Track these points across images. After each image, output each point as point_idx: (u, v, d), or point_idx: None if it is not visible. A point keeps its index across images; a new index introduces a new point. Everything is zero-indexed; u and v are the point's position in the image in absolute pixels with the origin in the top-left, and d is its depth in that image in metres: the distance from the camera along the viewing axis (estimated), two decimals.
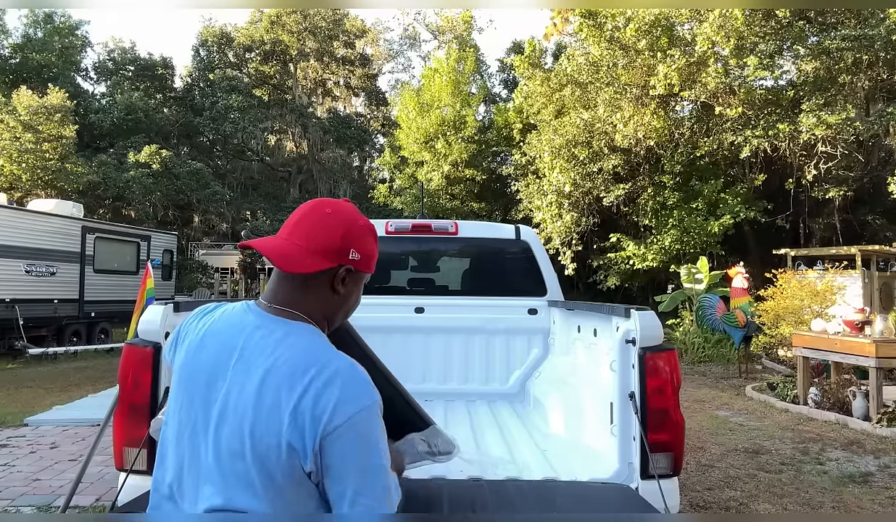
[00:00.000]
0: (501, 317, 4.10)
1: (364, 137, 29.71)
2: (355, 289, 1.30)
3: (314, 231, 1.22)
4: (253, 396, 1.12)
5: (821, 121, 10.80)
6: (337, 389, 1.09)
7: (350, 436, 1.08)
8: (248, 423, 1.11)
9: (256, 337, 1.17)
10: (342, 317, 1.33)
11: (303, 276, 1.21)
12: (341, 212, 1.26)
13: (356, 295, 1.32)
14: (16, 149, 18.15)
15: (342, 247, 1.22)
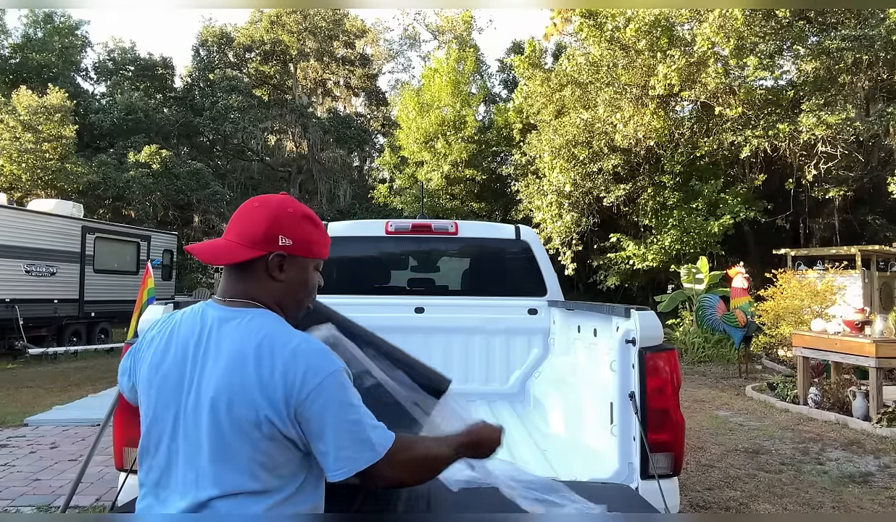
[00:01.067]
0: (501, 317, 4.10)
1: (364, 137, 29.69)
2: (300, 274, 1.35)
3: (242, 225, 1.32)
4: (224, 380, 1.20)
5: (821, 121, 10.80)
6: (303, 361, 1.20)
7: (321, 400, 1.18)
8: (223, 406, 1.19)
9: (218, 327, 1.26)
10: (295, 302, 1.38)
11: (240, 268, 1.31)
12: (268, 204, 1.34)
13: (303, 279, 1.37)
14: (16, 149, 18.15)
15: (268, 235, 1.29)
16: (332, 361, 1.24)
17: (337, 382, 1.21)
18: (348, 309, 4.24)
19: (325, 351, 1.26)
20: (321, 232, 1.40)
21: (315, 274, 1.41)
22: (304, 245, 1.34)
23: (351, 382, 1.26)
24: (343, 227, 4.40)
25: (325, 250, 1.42)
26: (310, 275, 1.39)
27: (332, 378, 1.21)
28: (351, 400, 1.23)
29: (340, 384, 1.22)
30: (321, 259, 1.41)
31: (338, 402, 1.20)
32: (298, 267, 1.35)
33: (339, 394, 1.21)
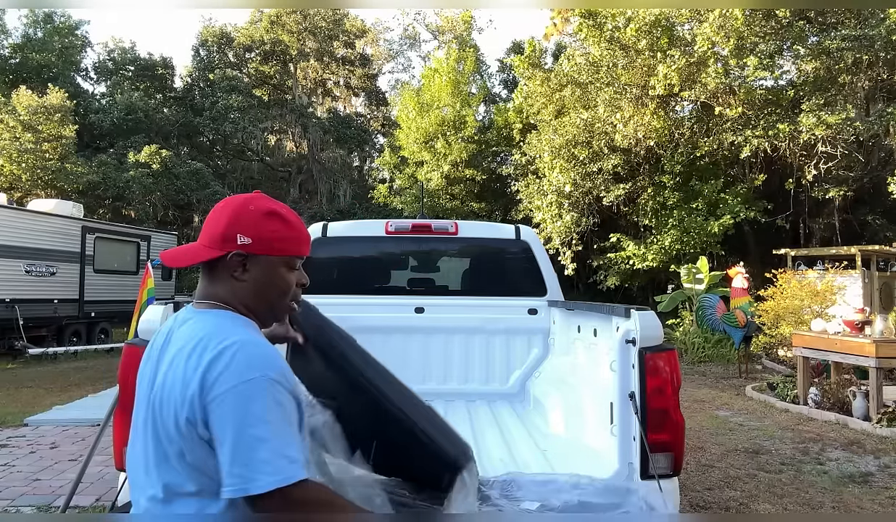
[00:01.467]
0: (501, 317, 4.10)
1: (364, 137, 29.69)
2: (264, 274, 1.28)
3: (206, 225, 1.31)
4: (161, 379, 1.20)
5: (821, 121, 10.80)
6: (225, 361, 1.13)
7: (228, 405, 1.09)
8: (157, 405, 1.19)
9: (177, 329, 1.27)
10: (266, 304, 1.31)
11: (208, 270, 1.29)
12: (230, 203, 1.31)
13: (269, 279, 1.29)
14: (16, 149, 18.16)
15: (226, 234, 1.26)
16: (259, 368, 1.13)
17: (254, 390, 1.10)
18: (348, 309, 4.26)
19: (258, 356, 1.16)
20: (290, 227, 1.31)
21: (291, 274, 1.32)
22: (266, 242, 1.27)
23: (284, 398, 1.14)
24: (343, 227, 4.41)
25: (295, 247, 1.32)
26: (278, 275, 1.30)
27: (250, 384, 1.10)
28: (266, 415, 1.10)
29: (259, 393, 1.10)
30: (294, 256, 1.32)
31: (246, 412, 1.09)
32: (262, 267, 1.28)
33: (252, 405, 1.09)
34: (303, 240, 1.33)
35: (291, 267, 1.32)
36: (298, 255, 1.33)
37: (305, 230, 1.35)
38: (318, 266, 4.21)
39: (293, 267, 1.33)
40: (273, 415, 1.10)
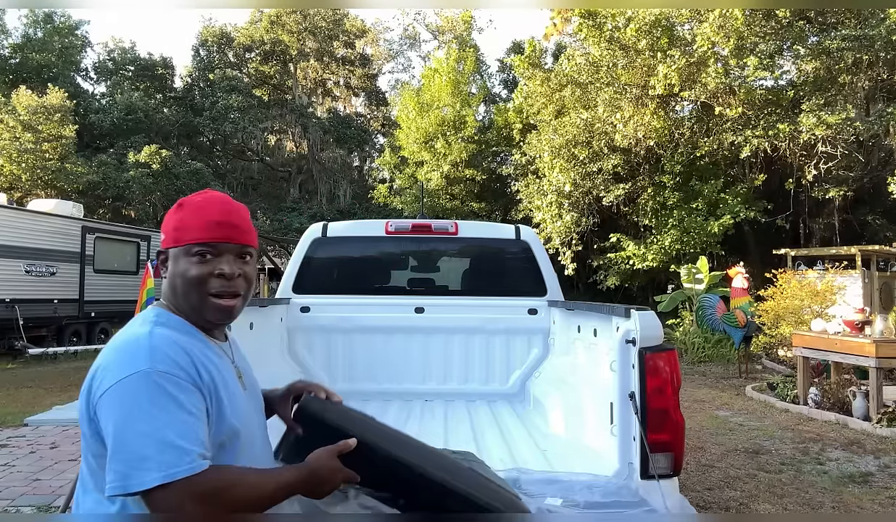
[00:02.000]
0: (501, 317, 4.10)
1: (364, 137, 29.69)
2: (173, 266, 1.27)
3: None
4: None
5: (821, 121, 10.80)
6: (108, 358, 1.14)
7: (110, 402, 1.08)
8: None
9: None
10: (183, 297, 1.26)
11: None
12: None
13: (176, 271, 1.26)
14: (16, 149, 18.16)
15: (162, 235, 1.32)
16: (142, 361, 1.10)
17: (136, 385, 1.08)
18: (348, 309, 4.25)
19: (143, 349, 1.13)
20: (188, 215, 1.27)
21: (195, 264, 1.24)
22: (169, 235, 1.28)
23: (176, 389, 1.10)
24: (343, 227, 4.41)
25: (190, 234, 1.25)
26: (180, 267, 1.25)
27: (132, 380, 1.08)
28: (150, 409, 1.06)
29: (141, 388, 1.07)
30: (191, 244, 1.24)
31: (128, 408, 1.06)
32: (172, 260, 1.27)
33: (134, 399, 1.06)
34: (200, 227, 1.25)
35: (193, 255, 1.24)
36: (195, 242, 1.24)
37: (211, 215, 1.26)
38: (318, 266, 4.21)
39: (196, 256, 1.24)
40: (159, 408, 1.06)
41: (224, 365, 1.28)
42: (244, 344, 1.55)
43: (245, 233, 1.31)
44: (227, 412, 1.20)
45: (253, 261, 1.34)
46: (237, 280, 1.28)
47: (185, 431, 1.07)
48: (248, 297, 1.34)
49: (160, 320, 1.23)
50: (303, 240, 4.21)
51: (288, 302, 4.03)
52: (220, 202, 1.31)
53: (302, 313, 4.04)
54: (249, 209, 5.64)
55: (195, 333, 1.26)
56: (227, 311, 1.28)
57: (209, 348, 1.26)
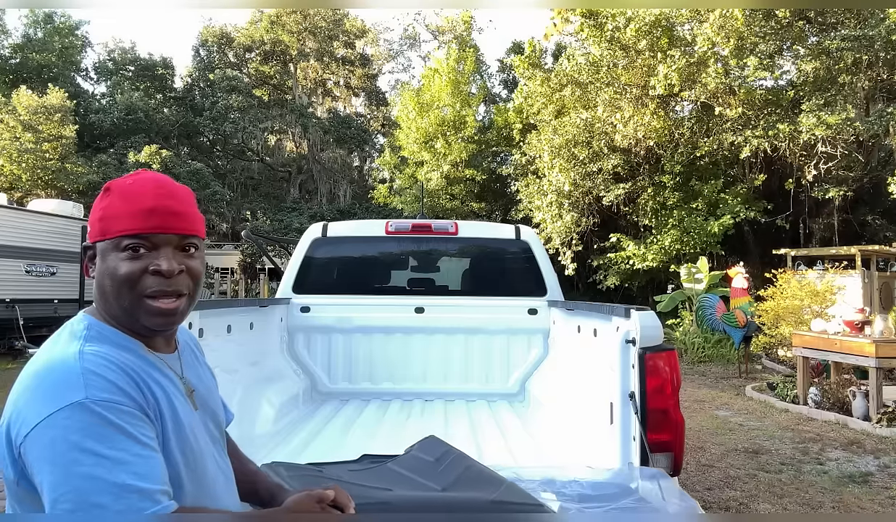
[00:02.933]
0: (501, 317, 4.10)
1: (364, 137, 29.71)
2: (101, 263, 1.06)
3: None
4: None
5: (821, 121, 10.80)
6: (30, 389, 0.95)
7: (40, 445, 0.89)
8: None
9: None
10: (107, 300, 1.06)
11: None
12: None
13: (103, 268, 1.05)
14: (16, 149, 18.17)
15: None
16: (72, 392, 0.91)
17: (73, 419, 0.89)
18: (348, 309, 4.25)
19: (66, 372, 0.94)
20: (115, 199, 1.06)
21: (124, 259, 1.03)
22: (95, 227, 1.06)
23: (119, 416, 0.91)
24: (343, 227, 4.41)
25: (120, 224, 1.03)
26: (108, 263, 1.04)
27: (62, 415, 0.89)
28: (91, 445, 0.88)
29: (76, 424, 0.89)
30: (120, 236, 1.03)
31: (66, 446, 0.88)
32: (100, 256, 1.06)
33: (71, 437, 0.88)
34: (130, 215, 1.03)
35: (123, 250, 1.03)
36: (124, 234, 1.03)
37: (143, 201, 1.04)
38: (318, 266, 4.21)
39: (127, 250, 1.03)
40: (106, 445, 0.89)
41: (169, 383, 1.07)
42: (245, 344, 1.53)
43: (187, 221, 1.08)
44: (170, 440, 1.01)
45: (200, 253, 1.12)
46: (178, 277, 1.06)
47: (142, 468, 0.90)
48: (194, 296, 1.11)
49: (91, 333, 1.03)
50: (303, 240, 4.21)
51: (288, 302, 4.03)
52: (155, 183, 1.07)
53: (302, 313, 4.04)
54: (249, 209, 5.64)
55: (133, 346, 1.06)
56: (166, 314, 1.05)
57: (149, 363, 1.06)
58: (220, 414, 1.24)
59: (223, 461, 1.19)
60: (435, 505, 1.67)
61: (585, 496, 2.13)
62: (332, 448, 2.75)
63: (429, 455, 1.98)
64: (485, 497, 1.70)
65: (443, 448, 2.03)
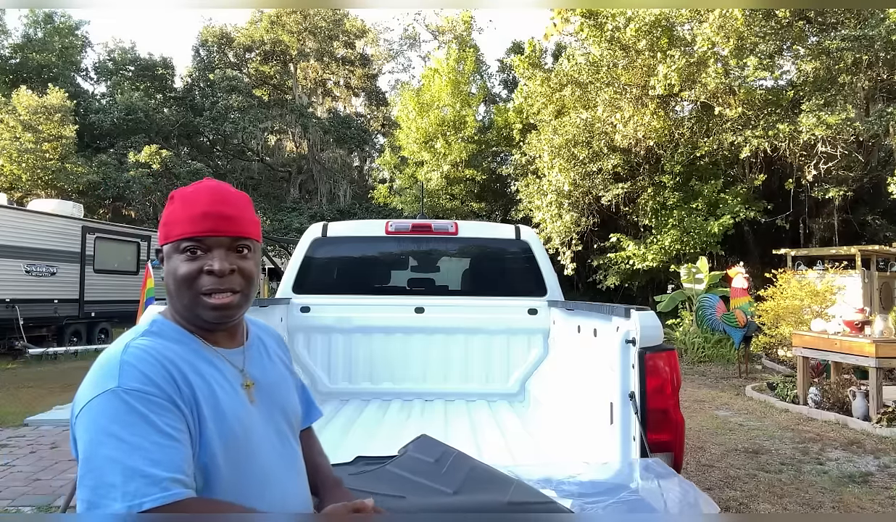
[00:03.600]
0: (501, 317, 4.10)
1: (364, 137, 29.70)
2: (167, 265, 1.18)
3: None
4: None
5: (821, 121, 10.80)
6: (85, 379, 1.06)
7: (81, 425, 1.00)
8: None
9: None
10: (177, 297, 1.17)
11: None
12: None
13: (168, 269, 1.17)
14: (16, 149, 18.17)
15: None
16: (106, 380, 1.02)
17: (103, 406, 0.99)
18: (348, 309, 4.25)
19: (113, 366, 1.04)
20: (176, 206, 1.17)
21: (183, 261, 1.14)
22: (163, 229, 1.18)
23: (147, 407, 1.00)
24: (343, 227, 4.41)
25: (178, 229, 1.15)
26: (171, 264, 1.16)
27: (99, 400, 1.00)
28: (119, 431, 0.97)
29: (107, 409, 0.99)
30: (179, 240, 1.14)
31: (95, 431, 0.97)
32: (166, 257, 1.18)
33: (101, 422, 0.98)
34: (187, 220, 1.14)
35: (182, 251, 1.14)
36: (185, 237, 1.14)
37: (198, 206, 1.15)
38: (318, 266, 4.21)
39: (185, 252, 1.14)
40: (128, 430, 0.97)
41: (219, 375, 1.15)
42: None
43: (239, 224, 1.17)
44: (208, 428, 1.07)
45: (253, 254, 1.21)
46: (231, 276, 1.15)
47: (157, 456, 0.96)
48: (249, 294, 1.20)
49: (152, 329, 1.15)
50: (303, 240, 4.21)
51: (288, 302, 4.03)
52: (210, 191, 1.18)
53: (302, 313, 4.04)
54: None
55: (190, 341, 1.16)
56: (220, 309, 1.14)
57: (200, 357, 1.15)
58: (289, 408, 1.29)
59: (289, 452, 1.25)
60: (454, 512, 1.68)
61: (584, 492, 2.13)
62: (332, 448, 2.74)
63: (427, 456, 1.97)
64: (500, 500, 1.70)
65: (439, 447, 2.03)
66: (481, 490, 1.77)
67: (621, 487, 2.22)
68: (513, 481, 1.84)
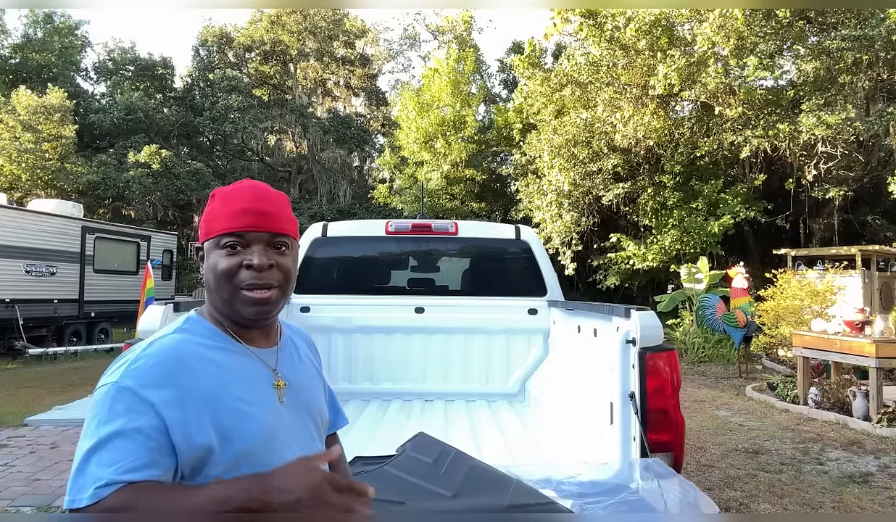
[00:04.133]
0: (501, 317, 4.10)
1: (364, 137, 29.68)
2: (207, 260, 1.19)
3: None
4: None
5: (821, 121, 10.80)
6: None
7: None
8: None
9: None
10: (216, 292, 1.18)
11: None
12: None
13: (209, 265, 1.18)
14: (15, 148, 18.17)
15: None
16: (113, 374, 1.05)
17: (100, 399, 1.02)
18: (348, 309, 4.24)
19: (121, 361, 1.08)
20: (217, 203, 1.19)
21: (224, 256, 1.16)
22: (203, 228, 1.20)
23: (128, 405, 1.00)
24: (343, 227, 4.41)
25: (220, 224, 1.17)
26: (211, 259, 1.17)
27: (98, 393, 1.04)
28: (90, 424, 1.00)
29: (102, 402, 1.02)
30: (221, 235, 1.16)
31: (87, 423, 1.02)
32: (206, 254, 1.19)
33: (94, 414, 1.02)
34: (227, 216, 1.16)
35: (222, 247, 1.16)
36: (225, 232, 1.15)
37: (238, 203, 1.17)
38: (318, 266, 4.21)
39: (225, 248, 1.16)
40: (101, 427, 0.99)
41: (249, 374, 1.16)
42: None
43: (278, 221, 1.19)
44: (231, 431, 1.07)
45: (291, 252, 1.22)
46: (269, 271, 1.16)
47: (109, 457, 0.97)
48: (286, 290, 1.21)
49: (184, 326, 1.17)
50: (303, 240, 4.21)
51: (288, 302, 4.03)
52: (250, 188, 1.21)
53: (302, 313, 4.04)
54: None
55: (220, 339, 1.17)
56: (259, 304, 1.15)
57: (231, 355, 1.15)
58: (318, 411, 1.30)
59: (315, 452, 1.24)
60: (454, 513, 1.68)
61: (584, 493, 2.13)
62: None
63: (425, 456, 1.97)
64: (499, 503, 1.70)
65: (437, 446, 2.02)
66: (480, 491, 1.77)
67: (621, 487, 2.22)
68: (512, 481, 1.84)
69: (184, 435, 1.02)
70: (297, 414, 1.21)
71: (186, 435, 1.03)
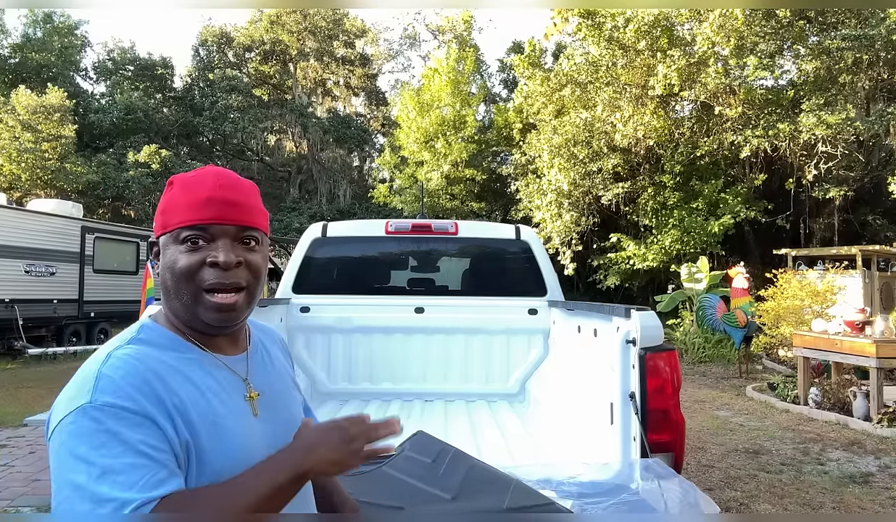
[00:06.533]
0: (501, 317, 4.09)
1: (364, 137, 29.68)
2: (163, 257, 1.03)
3: None
4: None
5: (821, 121, 10.80)
6: (62, 391, 0.93)
7: (52, 447, 0.88)
8: None
9: None
10: (168, 293, 1.03)
11: None
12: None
13: (165, 262, 1.02)
14: (15, 148, 18.17)
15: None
16: (83, 395, 0.89)
17: (73, 426, 0.86)
18: (348, 309, 4.24)
19: (86, 379, 0.91)
20: (176, 191, 1.03)
21: (182, 252, 1.00)
22: (160, 218, 1.04)
23: (115, 424, 0.86)
24: (343, 227, 4.40)
25: (178, 216, 1.01)
26: (168, 255, 1.01)
27: (69, 419, 0.87)
28: (83, 452, 0.84)
29: (77, 428, 0.86)
30: (179, 228, 1.00)
31: (65, 452, 0.85)
32: (162, 250, 1.03)
33: (70, 442, 0.85)
34: (188, 206, 1.00)
35: (182, 242, 1.00)
36: (185, 225, 1.00)
37: (201, 192, 1.01)
38: (318, 266, 4.20)
39: (185, 242, 1.00)
40: (99, 452, 0.84)
41: (217, 386, 1.01)
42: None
43: (247, 213, 1.04)
44: (201, 440, 0.95)
45: (262, 248, 1.07)
46: (236, 270, 1.01)
47: (131, 477, 0.84)
48: (255, 292, 1.06)
49: (140, 336, 1.01)
50: (303, 240, 4.21)
51: (288, 302, 4.03)
52: (214, 175, 1.04)
53: (302, 313, 4.03)
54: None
55: (183, 348, 1.02)
56: (225, 309, 1.01)
57: (198, 366, 1.01)
58: (294, 423, 1.09)
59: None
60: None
61: (584, 493, 2.12)
62: None
63: (424, 456, 1.97)
64: (498, 506, 1.69)
65: (436, 445, 2.02)
66: (480, 492, 1.77)
67: (621, 488, 2.22)
68: (512, 481, 1.83)
69: (172, 445, 0.92)
70: (273, 428, 1.07)
71: (173, 445, 0.92)
